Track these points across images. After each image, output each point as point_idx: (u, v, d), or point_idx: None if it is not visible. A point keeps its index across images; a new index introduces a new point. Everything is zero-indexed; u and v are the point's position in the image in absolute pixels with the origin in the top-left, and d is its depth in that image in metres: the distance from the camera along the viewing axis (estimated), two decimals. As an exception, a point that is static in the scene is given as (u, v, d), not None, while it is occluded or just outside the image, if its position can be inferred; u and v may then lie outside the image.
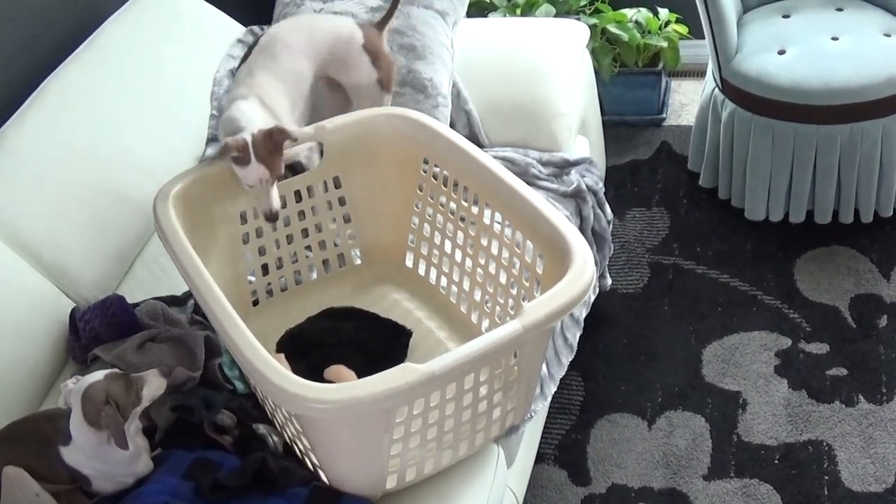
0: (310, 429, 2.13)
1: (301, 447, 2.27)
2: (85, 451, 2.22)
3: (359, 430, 2.09)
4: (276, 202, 2.55)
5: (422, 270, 2.85)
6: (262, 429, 2.40)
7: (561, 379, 2.86)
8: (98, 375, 2.21)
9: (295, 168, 3.10)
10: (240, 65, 2.80)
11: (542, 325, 2.12)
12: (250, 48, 2.81)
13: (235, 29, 3.55)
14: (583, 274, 2.20)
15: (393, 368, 2.00)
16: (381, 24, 3.00)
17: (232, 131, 2.54)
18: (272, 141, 2.49)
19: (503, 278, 2.57)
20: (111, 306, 2.63)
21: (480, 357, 2.06)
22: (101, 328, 2.61)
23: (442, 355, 2.03)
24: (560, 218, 2.36)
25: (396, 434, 2.13)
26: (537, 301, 2.14)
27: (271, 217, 2.55)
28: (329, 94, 3.01)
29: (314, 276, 2.88)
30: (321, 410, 1.97)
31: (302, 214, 2.80)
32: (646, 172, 4.32)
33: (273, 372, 2.01)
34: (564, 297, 2.15)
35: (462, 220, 2.68)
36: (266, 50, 2.76)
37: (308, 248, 2.84)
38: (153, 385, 2.25)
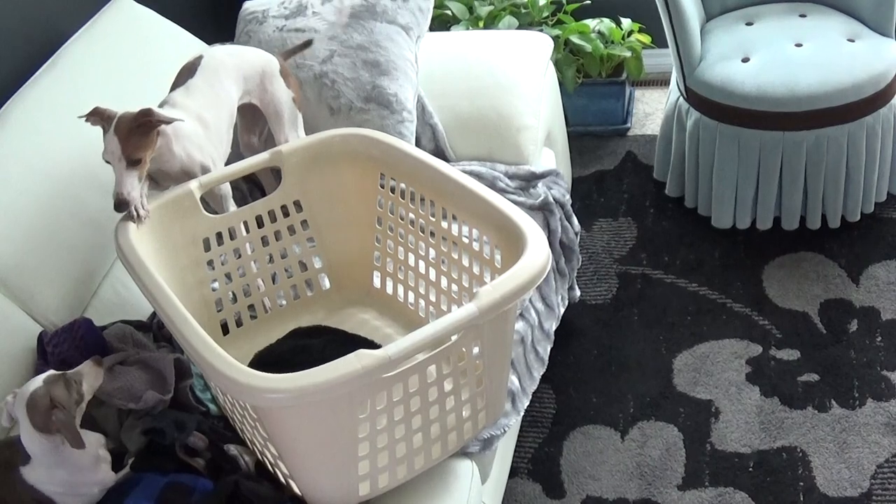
0: (274, 429, 2.11)
1: (270, 457, 2.25)
2: (43, 462, 2.21)
3: (323, 427, 2.07)
4: (127, 188, 2.45)
5: (389, 289, 2.84)
6: (233, 449, 2.38)
7: (533, 392, 2.85)
8: (37, 382, 2.20)
9: (263, 190, 3.11)
10: (174, 87, 2.80)
11: (497, 307, 2.11)
12: (185, 69, 2.82)
13: (199, 47, 3.52)
14: (537, 256, 2.20)
15: (348, 355, 1.98)
16: (288, 55, 3.12)
17: None
18: (136, 121, 2.45)
19: (467, 283, 2.57)
20: (79, 330, 2.60)
21: (434, 340, 2.05)
22: (69, 352, 2.57)
23: (396, 341, 2.03)
24: (509, 205, 2.38)
25: (362, 432, 2.11)
26: (492, 284, 2.13)
27: (118, 203, 2.45)
28: (240, 120, 3.06)
29: (283, 302, 2.86)
30: (280, 400, 1.96)
31: (265, 240, 2.78)
32: (612, 183, 4.32)
33: (231, 368, 2.00)
34: (519, 279, 2.15)
35: (422, 230, 2.68)
36: (207, 71, 2.78)
37: (275, 273, 2.83)
38: (91, 377, 2.26)
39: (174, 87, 2.78)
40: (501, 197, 2.43)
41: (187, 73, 2.78)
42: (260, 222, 2.77)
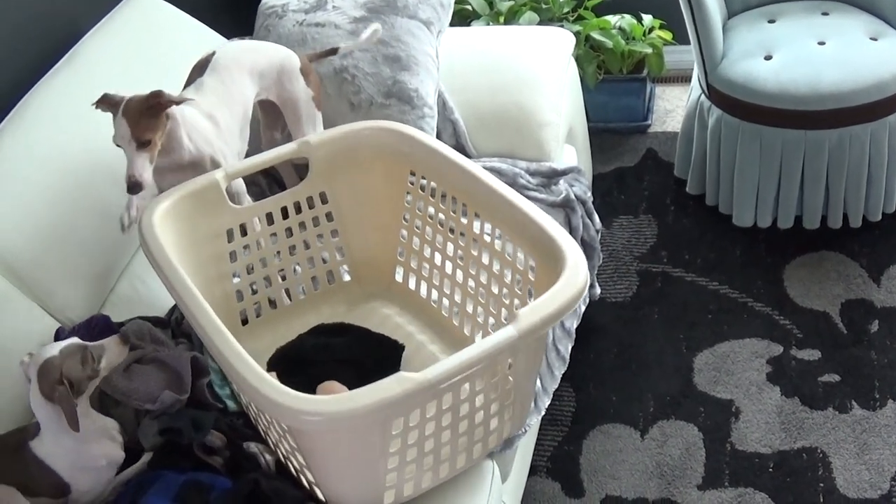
0: (305, 444, 2.10)
1: (296, 464, 2.24)
2: (50, 428, 2.21)
3: (355, 444, 2.06)
4: (138, 170, 2.45)
5: (412, 284, 2.82)
6: (253, 447, 2.37)
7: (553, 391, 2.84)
8: (53, 350, 2.20)
9: (281, 183, 3.09)
10: (186, 84, 2.79)
11: (536, 331, 2.09)
12: (198, 66, 2.81)
13: (217, 41, 3.51)
14: (576, 278, 2.17)
15: (388, 378, 1.96)
16: (313, 58, 3.07)
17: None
18: (147, 103, 2.46)
19: (495, 289, 2.55)
20: (96, 326, 2.60)
21: (475, 364, 2.02)
22: None
23: (436, 364, 2.00)
24: (551, 223, 2.34)
25: (393, 447, 2.09)
26: (531, 306, 2.11)
27: (130, 186, 2.44)
28: (262, 116, 3.05)
29: (303, 293, 2.84)
30: (317, 423, 1.94)
31: (289, 231, 2.77)
32: (632, 180, 4.30)
33: (267, 386, 1.97)
34: (558, 302, 2.12)
35: (451, 231, 2.65)
36: (219, 68, 2.77)
37: (297, 265, 2.81)
38: (112, 354, 2.26)
39: (186, 84, 2.77)
40: (541, 211, 2.39)
41: (198, 70, 2.78)
42: (284, 213, 2.75)
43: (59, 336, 2.63)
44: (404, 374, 1.97)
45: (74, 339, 2.26)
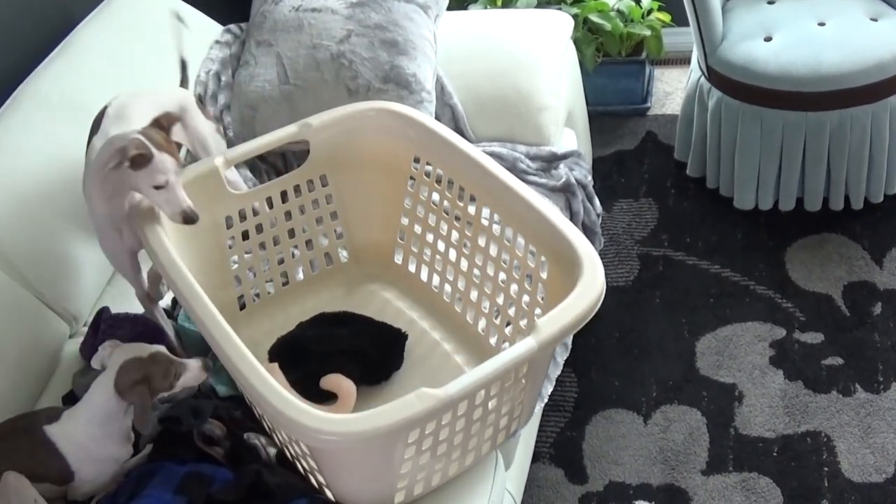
0: (318, 454, 2.09)
1: (305, 466, 2.23)
2: (93, 416, 2.23)
3: (370, 454, 2.06)
4: (187, 198, 2.32)
5: (412, 268, 2.80)
6: (253, 438, 2.35)
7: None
8: (143, 351, 2.23)
9: (278, 170, 3.06)
10: (90, 139, 2.59)
11: (556, 341, 2.08)
12: (94, 124, 2.61)
13: (213, 28, 3.50)
14: (594, 283, 2.16)
15: (409, 395, 1.95)
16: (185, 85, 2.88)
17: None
18: (162, 127, 2.38)
19: (501, 277, 2.53)
20: (140, 325, 2.61)
21: (496, 378, 2.02)
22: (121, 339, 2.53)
23: (457, 379, 1.99)
24: (566, 223, 2.32)
25: (407, 454, 2.08)
26: (549, 316, 2.09)
27: (191, 217, 2.33)
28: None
29: (300, 276, 2.82)
30: (337, 443, 1.93)
31: (288, 215, 2.74)
32: (632, 163, 4.28)
33: (286, 404, 1.95)
34: (577, 310, 2.11)
35: (457, 219, 2.63)
36: (118, 117, 2.56)
37: (295, 248, 2.79)
38: (191, 376, 2.27)
39: (88, 142, 2.59)
40: (557, 211, 2.38)
41: (95, 127, 2.59)
42: (284, 197, 2.73)
43: (100, 314, 2.65)
44: (425, 391, 1.96)
45: (163, 349, 2.28)
